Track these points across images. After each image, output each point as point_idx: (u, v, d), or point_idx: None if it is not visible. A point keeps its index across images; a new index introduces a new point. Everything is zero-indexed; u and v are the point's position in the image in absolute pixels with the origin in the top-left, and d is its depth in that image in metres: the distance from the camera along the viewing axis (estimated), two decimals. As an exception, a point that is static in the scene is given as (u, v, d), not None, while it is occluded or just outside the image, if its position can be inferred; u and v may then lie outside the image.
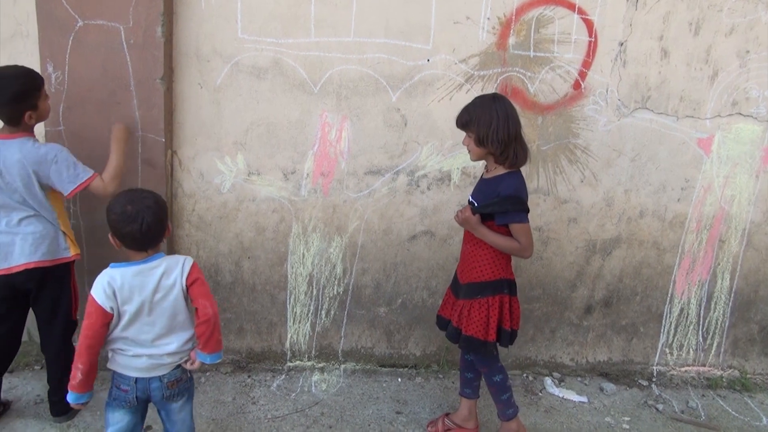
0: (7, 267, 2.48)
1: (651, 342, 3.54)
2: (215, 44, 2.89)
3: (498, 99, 2.41)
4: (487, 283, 2.49)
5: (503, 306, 2.50)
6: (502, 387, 2.67)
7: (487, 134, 2.36)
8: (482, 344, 2.48)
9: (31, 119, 2.42)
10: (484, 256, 2.50)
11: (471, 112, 2.40)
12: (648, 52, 3.08)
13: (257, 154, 3.06)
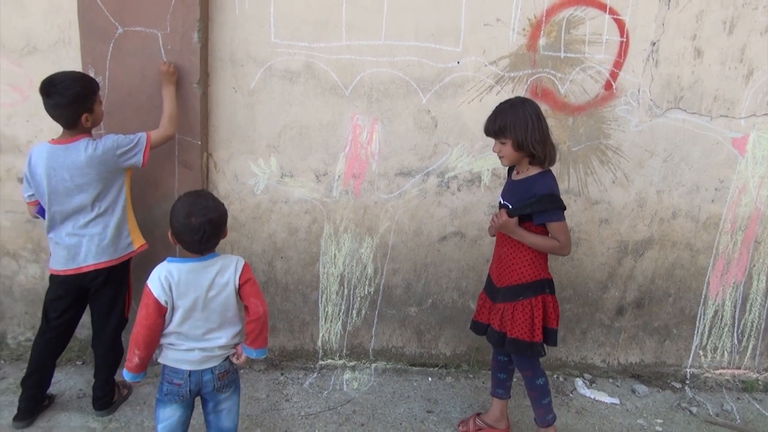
0: (76, 267, 2.61)
1: (684, 344, 3.51)
2: (249, 49, 2.96)
3: (526, 102, 2.44)
4: (528, 284, 2.50)
5: (546, 305, 2.51)
6: (544, 391, 2.66)
7: (525, 137, 2.38)
8: (529, 345, 2.49)
9: (87, 122, 2.54)
10: (523, 258, 2.51)
11: (504, 118, 2.41)
12: (681, 51, 3.06)
13: (290, 156, 3.12)
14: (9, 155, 3.08)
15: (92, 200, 2.56)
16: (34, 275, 3.27)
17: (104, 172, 2.56)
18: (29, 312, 3.34)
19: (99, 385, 2.86)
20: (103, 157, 2.54)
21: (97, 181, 2.55)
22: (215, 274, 2.08)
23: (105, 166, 2.55)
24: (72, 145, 2.52)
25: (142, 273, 2.53)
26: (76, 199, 2.55)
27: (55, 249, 2.64)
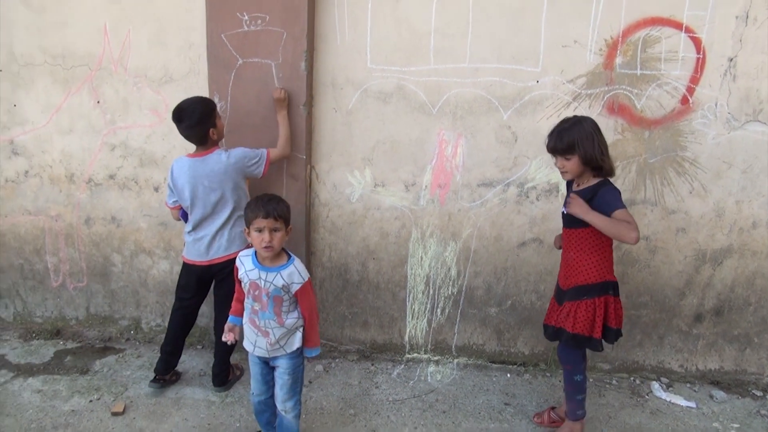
0: (209, 260, 3.15)
1: (766, 353, 3.54)
2: (348, 74, 3.36)
3: (586, 119, 2.63)
4: (592, 285, 2.66)
5: (608, 306, 2.67)
6: (580, 387, 2.84)
7: (594, 152, 2.56)
8: (588, 340, 2.67)
9: (214, 135, 3.05)
10: (589, 261, 2.67)
11: (571, 135, 2.58)
12: (759, 66, 3.14)
13: (382, 168, 3.48)
14: (148, 168, 3.64)
15: (225, 202, 3.06)
16: (164, 269, 3.83)
17: (235, 179, 3.06)
18: (159, 301, 3.90)
19: (217, 363, 3.35)
20: (236, 165, 3.04)
21: (229, 186, 3.05)
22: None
23: (236, 173, 3.06)
24: (208, 157, 3.03)
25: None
26: (213, 202, 3.05)
27: (194, 245, 3.15)
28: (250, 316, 2.57)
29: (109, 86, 3.54)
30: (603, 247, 2.67)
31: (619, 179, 3.34)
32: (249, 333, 2.60)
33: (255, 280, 2.48)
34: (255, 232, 2.41)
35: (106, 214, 3.78)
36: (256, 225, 2.40)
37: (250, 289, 2.51)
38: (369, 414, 3.19)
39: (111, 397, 3.28)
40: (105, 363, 3.66)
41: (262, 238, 2.40)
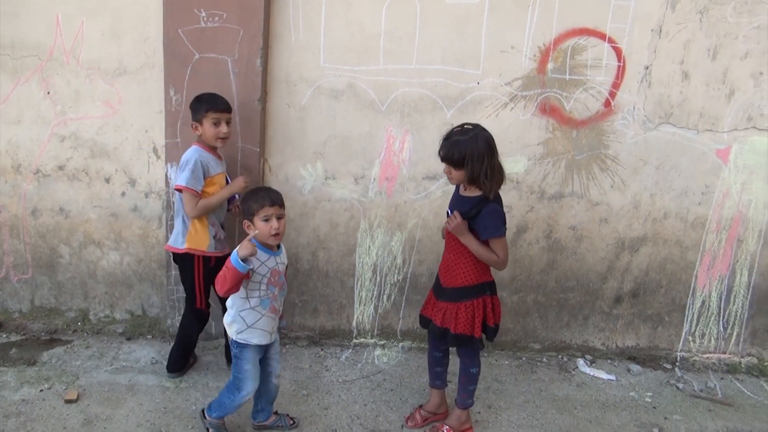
0: (222, 251, 3.27)
1: (675, 330, 3.97)
2: (301, 72, 3.52)
3: (482, 135, 2.62)
4: (470, 287, 2.78)
5: (486, 306, 2.80)
6: (473, 379, 2.96)
7: (480, 172, 2.59)
8: (470, 339, 2.78)
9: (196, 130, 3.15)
10: (466, 263, 2.77)
11: (463, 151, 2.58)
12: (671, 74, 3.54)
13: (333, 162, 3.67)
14: (100, 159, 3.67)
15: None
16: (114, 261, 3.86)
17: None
18: (109, 292, 3.92)
19: (177, 350, 3.44)
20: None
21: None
22: None
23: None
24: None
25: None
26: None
27: (214, 238, 3.23)
28: (271, 305, 2.65)
29: (61, 77, 3.55)
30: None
31: (550, 174, 3.67)
32: (267, 324, 2.69)
33: (273, 267, 2.63)
34: (262, 221, 2.53)
35: (54, 205, 3.77)
36: (264, 214, 2.53)
37: (271, 278, 2.62)
38: (321, 394, 3.37)
39: (62, 386, 3.31)
40: (53, 354, 3.66)
41: (270, 225, 2.54)
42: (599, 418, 3.30)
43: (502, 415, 3.27)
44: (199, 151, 3.10)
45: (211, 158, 3.16)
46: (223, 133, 3.10)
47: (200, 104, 3.10)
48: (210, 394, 3.28)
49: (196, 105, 3.12)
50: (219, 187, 3.20)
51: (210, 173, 3.12)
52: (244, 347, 2.68)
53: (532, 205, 3.74)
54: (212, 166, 3.14)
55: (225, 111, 3.12)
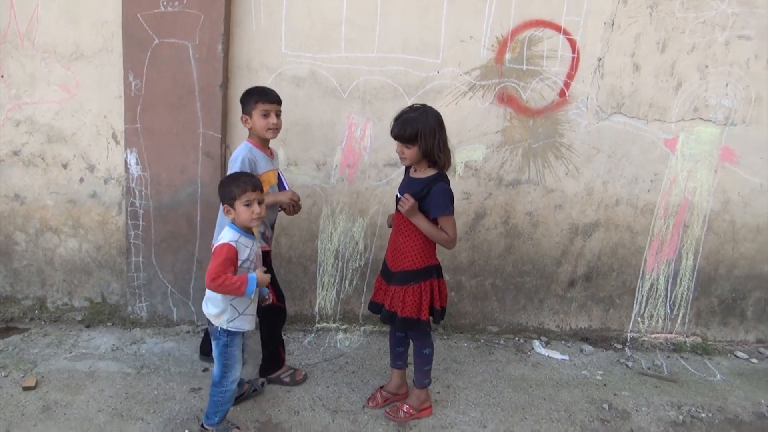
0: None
1: (625, 312, 4.15)
2: (263, 58, 3.53)
3: (430, 110, 2.70)
4: (417, 270, 2.81)
5: (433, 289, 2.85)
6: (427, 359, 3.02)
7: (433, 145, 2.65)
8: (416, 322, 2.83)
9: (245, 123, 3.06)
10: (414, 247, 2.81)
11: (415, 127, 2.64)
12: (622, 66, 3.68)
13: (295, 148, 3.70)
14: (57, 145, 3.62)
15: None
16: (73, 248, 3.82)
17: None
18: (67, 280, 3.88)
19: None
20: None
21: None
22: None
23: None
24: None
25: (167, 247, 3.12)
26: None
27: (262, 236, 3.10)
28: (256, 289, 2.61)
29: (15, 60, 3.48)
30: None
31: (507, 162, 3.78)
32: (253, 308, 2.73)
33: (256, 251, 2.67)
34: (243, 206, 2.53)
35: (8, 191, 3.70)
36: (245, 199, 2.51)
37: (255, 262, 2.65)
38: (284, 378, 3.42)
39: (20, 373, 3.27)
40: (9, 342, 3.60)
41: (252, 210, 2.54)
42: (553, 395, 3.44)
43: (460, 394, 3.37)
44: (248, 148, 3.00)
45: (261, 155, 3.03)
46: (273, 124, 3.00)
47: (250, 96, 3.01)
48: (172, 379, 3.30)
49: (245, 98, 3.02)
50: (268, 185, 3.03)
51: (258, 170, 2.96)
52: (235, 335, 2.69)
53: (491, 192, 3.84)
54: (261, 163, 3.02)
55: (275, 102, 3.02)
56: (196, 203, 3.62)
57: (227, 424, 2.83)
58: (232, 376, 2.74)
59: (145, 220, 3.65)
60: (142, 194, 3.61)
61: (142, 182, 3.58)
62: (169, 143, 3.52)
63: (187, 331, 3.83)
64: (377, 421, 3.06)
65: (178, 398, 3.13)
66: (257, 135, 3.03)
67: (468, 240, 3.93)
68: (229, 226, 2.62)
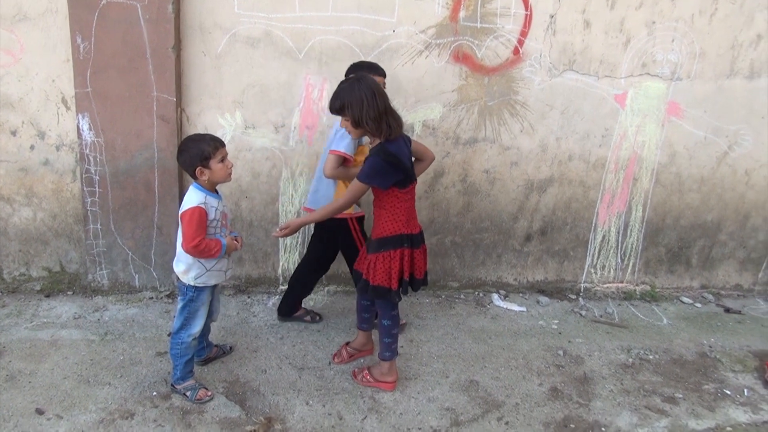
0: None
1: (579, 264, 4.32)
2: (216, 18, 3.47)
3: (362, 80, 2.67)
4: (387, 238, 2.79)
5: (404, 258, 2.81)
6: (386, 332, 2.98)
7: (361, 115, 2.61)
8: (387, 291, 2.82)
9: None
10: (382, 215, 2.80)
11: (342, 98, 2.64)
12: (573, 23, 3.75)
13: (252, 111, 3.67)
14: (4, 111, 3.51)
15: None
16: (27, 217, 3.74)
17: None
18: (23, 250, 3.81)
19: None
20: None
21: None
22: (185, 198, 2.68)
23: None
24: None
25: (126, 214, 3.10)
26: None
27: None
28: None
29: (-47, 23, 3.33)
30: (396, 203, 2.77)
31: (464, 120, 3.84)
32: (223, 263, 2.80)
33: (222, 210, 2.73)
34: (218, 163, 2.61)
35: (-45, 160, 3.59)
36: (220, 155, 2.61)
37: (222, 220, 2.71)
38: (249, 338, 3.47)
39: (-20, 345, 3.24)
40: (-34, 315, 3.55)
41: (226, 165, 2.64)
42: (511, 345, 3.58)
43: (422, 347, 3.49)
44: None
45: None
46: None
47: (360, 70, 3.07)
48: (137, 344, 3.31)
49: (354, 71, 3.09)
50: (364, 156, 2.94)
51: (362, 142, 3.10)
52: (202, 290, 2.76)
53: (448, 151, 3.90)
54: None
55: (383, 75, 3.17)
56: (153, 168, 3.58)
57: (195, 384, 2.88)
58: (190, 329, 2.80)
59: (101, 186, 3.59)
60: (96, 160, 3.55)
61: (96, 148, 3.51)
62: (122, 107, 3.45)
63: (150, 297, 3.83)
64: (343, 376, 3.15)
65: (144, 362, 3.16)
66: None
67: (427, 198, 4.00)
68: (194, 188, 2.63)
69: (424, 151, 3.04)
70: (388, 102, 2.69)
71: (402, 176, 2.72)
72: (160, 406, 2.82)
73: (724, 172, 4.18)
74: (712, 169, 4.17)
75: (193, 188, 2.64)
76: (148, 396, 2.88)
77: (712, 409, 3.07)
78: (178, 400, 2.85)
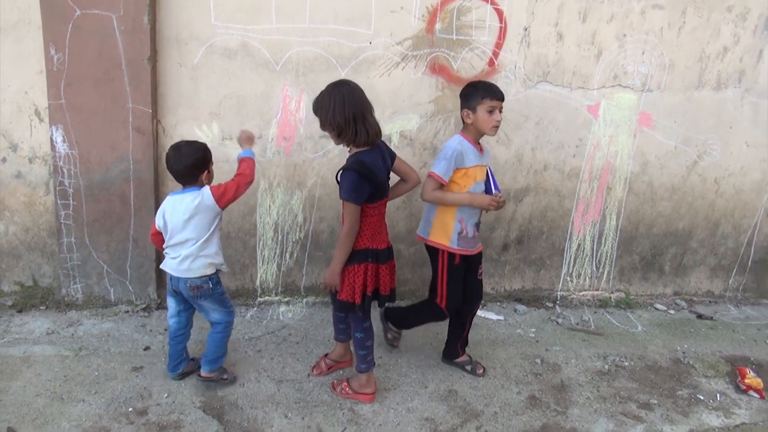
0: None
1: (555, 272, 4.37)
2: (192, 30, 3.46)
3: (339, 84, 2.68)
4: (352, 252, 2.75)
5: (367, 273, 2.78)
6: (359, 344, 2.97)
7: (326, 119, 2.65)
8: (351, 306, 2.81)
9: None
10: None
11: (316, 100, 2.69)
12: (547, 35, 3.82)
13: (230, 122, 3.66)
14: (-26, 122, 3.45)
15: None
16: (-2, 230, 3.67)
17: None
18: (-6, 264, 3.73)
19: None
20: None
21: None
22: (190, 201, 2.75)
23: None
24: None
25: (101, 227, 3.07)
26: None
27: (459, 235, 3.15)
28: None
29: None
30: (362, 217, 2.74)
31: (441, 131, 3.88)
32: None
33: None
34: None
35: (-77, 173, 3.51)
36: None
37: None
38: (227, 351, 3.44)
39: (-52, 362, 3.16)
40: (-66, 331, 3.46)
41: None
42: (489, 353, 3.61)
43: (402, 357, 3.49)
44: (459, 141, 3.04)
45: (471, 149, 3.05)
46: (497, 121, 3.01)
47: (476, 90, 3.01)
48: (113, 359, 3.26)
49: (470, 91, 3.04)
50: (473, 180, 3.06)
51: (465, 164, 3.02)
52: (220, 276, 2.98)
53: (426, 161, 3.93)
54: (469, 157, 3.03)
55: (501, 99, 3.04)
56: (128, 180, 3.54)
57: (223, 369, 3.13)
58: (233, 311, 3.09)
59: (75, 199, 3.54)
60: (70, 173, 3.50)
61: (71, 160, 3.47)
62: (97, 119, 3.41)
63: (126, 311, 3.77)
64: (322, 388, 3.14)
65: (120, 377, 3.11)
66: (478, 129, 3.05)
67: (405, 209, 4.02)
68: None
69: (409, 172, 3.01)
70: (362, 110, 2.67)
71: (373, 190, 2.70)
72: (135, 422, 2.78)
73: (694, 180, 4.28)
74: (683, 178, 4.26)
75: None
76: (123, 412, 2.84)
77: (686, 415, 3.13)
78: (154, 415, 2.82)
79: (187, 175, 2.78)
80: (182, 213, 2.75)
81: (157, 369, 3.19)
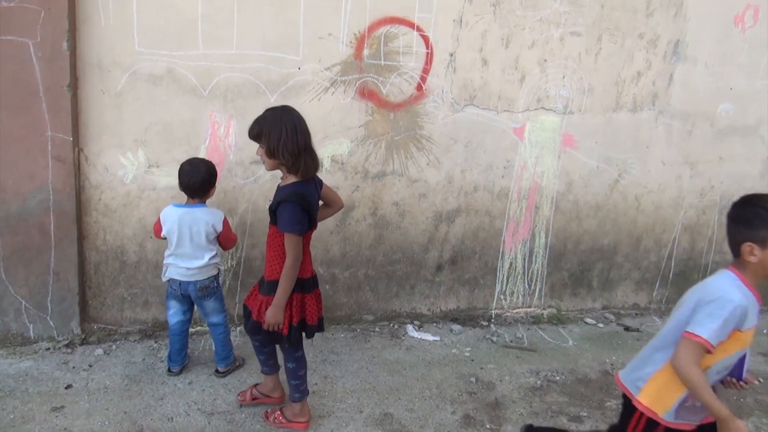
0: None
1: (489, 291, 4.45)
2: (115, 56, 3.39)
3: (287, 111, 2.61)
4: (275, 281, 2.66)
5: (292, 303, 2.70)
6: (291, 374, 2.92)
7: (277, 146, 2.53)
8: (279, 337, 2.74)
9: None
10: (274, 257, 2.71)
11: (261, 125, 2.57)
12: (472, 61, 3.94)
13: (156, 149, 3.59)
14: None
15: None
16: None
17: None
18: None
19: None
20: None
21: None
22: (207, 219, 3.18)
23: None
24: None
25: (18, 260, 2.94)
26: None
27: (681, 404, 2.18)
28: None
29: None
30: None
31: (372, 154, 3.92)
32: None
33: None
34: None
35: None
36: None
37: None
38: (156, 385, 3.33)
39: None
40: None
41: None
42: (425, 374, 3.62)
43: (337, 383, 3.46)
44: (740, 288, 2.00)
45: (755, 304, 2.03)
46: None
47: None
48: (31, 400, 3.09)
49: (759, 214, 1.97)
50: (739, 347, 2.06)
51: (744, 326, 2.00)
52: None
53: (357, 185, 3.96)
54: (752, 316, 2.02)
55: None
56: (48, 211, 3.40)
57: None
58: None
59: (-10, 231, 3.38)
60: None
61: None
62: (13, 148, 3.27)
63: (47, 348, 3.59)
64: (255, 419, 3.07)
65: (38, 419, 2.95)
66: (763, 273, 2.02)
67: (339, 233, 4.02)
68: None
69: (335, 198, 3.01)
70: (309, 140, 2.64)
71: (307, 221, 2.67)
72: (55, 465, 2.64)
73: (616, 198, 4.47)
74: (606, 196, 4.44)
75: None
76: (41, 455, 2.69)
77: (614, 425, 3.22)
78: (75, 456, 2.69)
79: (200, 189, 3.14)
80: (195, 226, 3.15)
81: (80, 408, 3.05)
